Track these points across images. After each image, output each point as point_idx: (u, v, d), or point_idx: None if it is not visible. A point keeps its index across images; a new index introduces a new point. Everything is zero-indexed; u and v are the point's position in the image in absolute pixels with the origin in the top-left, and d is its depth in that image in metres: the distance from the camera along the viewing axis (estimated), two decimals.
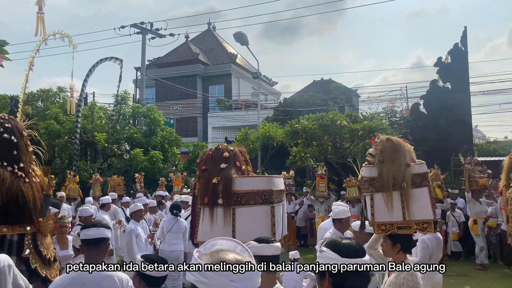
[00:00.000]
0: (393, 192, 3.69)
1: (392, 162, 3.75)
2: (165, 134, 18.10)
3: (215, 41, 36.02)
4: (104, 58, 18.49)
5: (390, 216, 3.69)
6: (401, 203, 3.68)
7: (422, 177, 3.73)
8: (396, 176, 3.70)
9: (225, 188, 3.26)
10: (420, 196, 3.71)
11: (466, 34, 14.06)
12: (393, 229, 3.67)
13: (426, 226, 3.70)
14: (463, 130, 13.75)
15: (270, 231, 3.18)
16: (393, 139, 3.92)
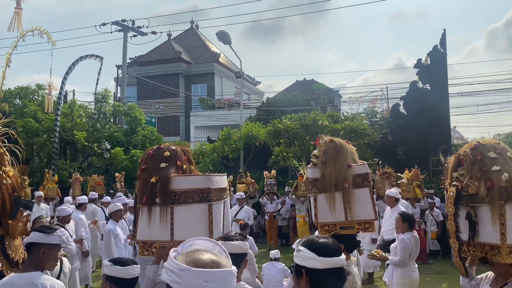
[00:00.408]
0: (335, 192, 3.73)
1: (334, 163, 3.79)
2: (146, 133, 17.94)
3: (198, 39, 35.84)
4: (84, 55, 18.23)
5: (333, 216, 3.73)
6: (343, 203, 3.72)
7: (363, 178, 3.78)
8: (338, 176, 3.73)
9: (162, 187, 3.27)
10: (362, 196, 3.77)
11: (445, 37, 14.32)
12: (336, 229, 3.71)
13: (368, 226, 3.75)
14: (442, 131, 13.99)
15: (208, 229, 3.22)
16: (336, 140, 3.98)
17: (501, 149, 3.27)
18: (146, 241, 3.35)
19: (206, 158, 16.60)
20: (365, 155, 14.85)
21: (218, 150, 16.33)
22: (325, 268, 1.79)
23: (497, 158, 3.21)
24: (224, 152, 16.20)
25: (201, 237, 1.48)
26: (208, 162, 16.51)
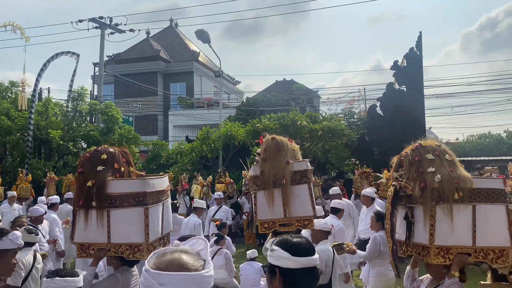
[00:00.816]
0: (274, 189, 3.75)
1: (274, 160, 3.83)
2: (123, 132, 17.69)
3: (177, 38, 35.55)
4: (60, 52, 17.86)
5: (272, 213, 3.76)
6: (281, 200, 3.74)
7: (302, 174, 3.81)
8: (277, 173, 3.76)
9: (98, 191, 3.31)
10: (300, 193, 3.80)
11: (421, 39, 14.61)
12: (275, 226, 3.75)
13: (307, 223, 3.79)
14: (417, 132, 14.19)
15: (143, 232, 3.28)
16: (277, 138, 4.02)
17: (440, 151, 3.33)
18: (84, 243, 3.39)
19: (185, 157, 16.48)
20: (343, 155, 15.04)
21: (196, 149, 16.25)
22: (299, 268, 1.80)
23: (434, 160, 3.28)
24: (203, 151, 16.12)
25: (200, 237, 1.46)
26: (187, 162, 16.40)
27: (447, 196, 3.12)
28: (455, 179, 3.15)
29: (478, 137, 25.23)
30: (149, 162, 18.26)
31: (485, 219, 3.12)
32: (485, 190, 3.15)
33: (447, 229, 3.12)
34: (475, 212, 3.12)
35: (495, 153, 19.87)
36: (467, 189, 3.14)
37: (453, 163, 3.32)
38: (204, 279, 1.28)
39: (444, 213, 3.12)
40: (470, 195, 3.14)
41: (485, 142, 23.54)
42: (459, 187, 3.13)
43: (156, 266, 1.28)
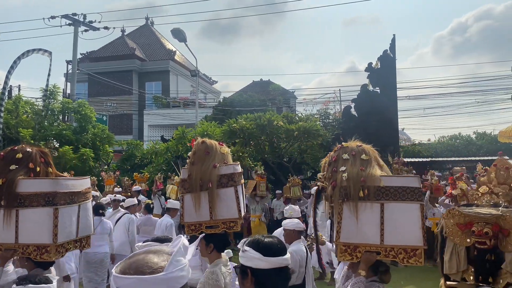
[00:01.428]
0: (200, 192, 3.84)
1: (202, 163, 3.92)
2: (96, 131, 17.37)
3: (153, 36, 35.15)
4: (32, 49, 17.37)
5: (198, 216, 3.84)
6: (208, 203, 3.84)
7: (229, 178, 3.90)
8: (204, 177, 3.85)
9: (7, 190, 3.32)
10: (226, 196, 3.89)
11: (395, 42, 14.91)
12: (202, 228, 3.83)
13: (232, 225, 3.87)
14: (390, 133, 14.56)
15: (52, 232, 3.30)
16: (207, 142, 4.10)
17: (357, 151, 3.37)
18: None
19: (160, 158, 16.31)
20: (318, 155, 15.19)
21: (172, 149, 16.10)
22: (270, 268, 1.81)
23: (348, 159, 3.32)
24: (179, 151, 15.99)
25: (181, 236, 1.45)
26: (162, 162, 16.24)
27: (352, 194, 3.13)
28: (362, 178, 3.15)
29: (449, 138, 25.93)
30: (123, 162, 17.99)
31: (394, 217, 3.08)
32: (395, 189, 3.12)
33: (352, 226, 3.09)
34: (383, 211, 3.10)
35: (464, 153, 20.47)
36: (373, 187, 3.12)
37: (368, 162, 3.32)
38: (162, 281, 1.24)
39: (350, 210, 3.12)
40: (377, 193, 3.12)
41: (456, 143, 24.21)
42: (365, 185, 3.13)
43: (120, 269, 1.27)
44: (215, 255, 3.57)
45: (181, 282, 1.29)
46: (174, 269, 1.27)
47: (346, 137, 13.73)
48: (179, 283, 1.28)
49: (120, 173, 14.51)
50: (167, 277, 1.24)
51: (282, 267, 1.85)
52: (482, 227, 3.30)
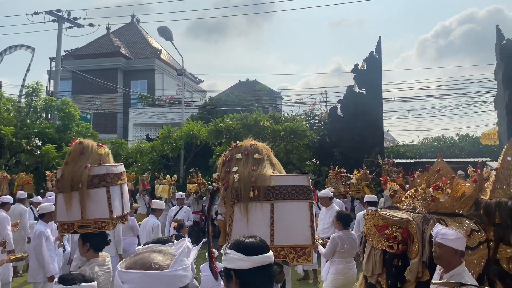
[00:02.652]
0: (71, 192, 3.92)
1: (74, 164, 4.01)
2: (80, 129, 17.14)
3: (138, 34, 34.82)
4: (14, 45, 17.10)
5: (70, 215, 3.92)
6: (79, 202, 3.92)
7: (100, 178, 4.01)
8: (75, 177, 3.94)
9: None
10: (97, 196, 3.99)
11: (381, 44, 15.06)
12: (74, 228, 3.91)
13: (104, 224, 3.98)
14: (376, 133, 14.71)
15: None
16: (84, 142, 4.24)
17: (251, 151, 3.35)
18: None
19: (145, 157, 16.17)
20: (304, 155, 15.26)
21: (157, 148, 15.97)
22: (254, 267, 1.81)
23: (241, 159, 3.30)
24: (164, 151, 15.87)
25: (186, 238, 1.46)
26: (147, 161, 16.09)
27: (243, 195, 3.10)
28: (253, 178, 3.11)
29: (433, 139, 26.28)
30: None
31: (284, 217, 3.07)
32: (285, 188, 3.10)
33: (243, 228, 3.05)
34: (273, 211, 3.08)
35: (448, 155, 20.77)
36: (264, 187, 3.09)
37: (260, 161, 3.29)
38: (167, 278, 1.26)
39: (241, 212, 3.09)
40: (267, 193, 3.09)
41: (439, 145, 24.55)
42: (256, 185, 3.09)
43: (125, 265, 1.29)
44: (91, 255, 3.63)
45: (184, 282, 1.31)
46: (179, 268, 1.29)
47: (332, 137, 13.90)
48: (182, 282, 1.30)
49: None
50: (172, 275, 1.27)
51: (266, 265, 1.83)
52: (393, 231, 3.30)
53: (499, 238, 3.34)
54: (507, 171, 3.68)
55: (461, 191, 3.53)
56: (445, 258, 3.04)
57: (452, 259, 3.03)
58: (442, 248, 3.03)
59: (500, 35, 14.50)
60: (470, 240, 3.20)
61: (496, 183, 3.71)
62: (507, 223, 3.34)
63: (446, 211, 3.53)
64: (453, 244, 2.99)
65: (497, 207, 3.42)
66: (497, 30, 14.66)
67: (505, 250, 3.27)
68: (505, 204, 3.41)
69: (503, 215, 3.36)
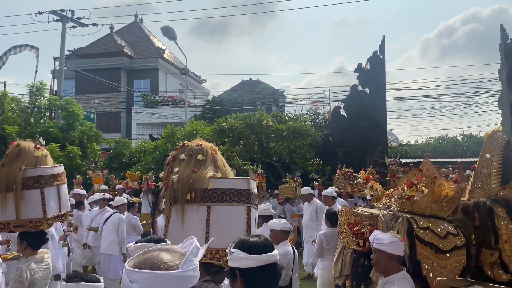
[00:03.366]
0: (7, 193, 4.09)
1: (10, 166, 4.16)
2: (84, 129, 17.17)
3: (142, 34, 34.87)
4: (18, 45, 17.15)
5: (5, 215, 4.09)
6: (13, 203, 4.10)
7: (35, 180, 4.18)
8: (10, 178, 4.10)
9: None
10: (32, 197, 4.17)
11: (384, 43, 15.02)
12: (10, 227, 4.08)
13: (38, 224, 4.14)
14: (379, 133, 14.66)
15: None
16: (21, 145, 4.37)
17: (195, 151, 3.30)
18: None
19: (148, 156, 16.19)
20: (307, 155, 15.24)
21: (161, 148, 15.99)
22: (258, 266, 1.80)
23: (184, 160, 3.26)
24: (167, 150, 15.88)
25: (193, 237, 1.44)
26: (150, 161, 16.12)
27: (180, 196, 3.09)
28: (191, 180, 3.10)
29: (436, 139, 26.21)
30: (111, 160, 17.81)
31: (220, 220, 3.06)
32: (223, 191, 3.09)
33: (179, 230, 3.04)
34: (210, 213, 3.06)
35: (451, 155, 20.72)
36: (201, 189, 3.08)
37: (203, 163, 3.26)
38: (175, 279, 1.25)
39: (177, 213, 3.09)
40: (204, 196, 3.08)
41: (443, 145, 24.48)
42: (193, 187, 3.08)
43: (133, 264, 1.28)
44: (28, 252, 3.83)
45: (193, 282, 1.30)
46: (188, 268, 1.28)
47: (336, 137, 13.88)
48: (191, 282, 1.29)
49: (108, 172, 14.38)
50: (182, 275, 1.26)
51: (270, 263, 1.83)
52: (362, 227, 3.18)
53: (480, 241, 3.20)
54: (486, 169, 3.49)
55: (444, 193, 3.30)
56: (381, 264, 2.93)
57: (388, 264, 2.92)
58: (378, 253, 2.93)
59: (504, 34, 14.42)
60: (443, 242, 3.03)
61: (475, 182, 3.53)
62: (487, 224, 3.19)
63: (424, 212, 3.28)
64: (387, 249, 2.88)
65: (475, 208, 3.27)
66: (501, 29, 14.58)
67: (487, 254, 3.12)
68: (484, 204, 3.24)
69: (483, 217, 3.21)
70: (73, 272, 2.92)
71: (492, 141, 3.68)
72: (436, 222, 3.16)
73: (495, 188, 3.41)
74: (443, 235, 3.05)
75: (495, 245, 3.13)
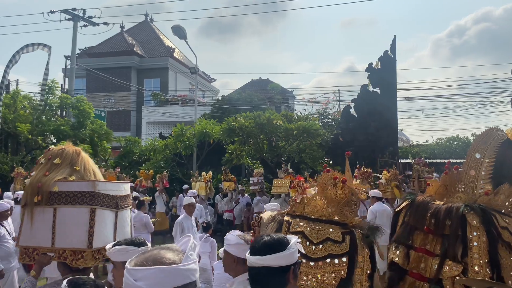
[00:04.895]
0: None
1: None
2: (95, 127, 17.30)
3: (152, 33, 35.01)
4: (31, 44, 17.26)
5: None
6: None
7: None
8: None
9: None
10: None
11: (395, 43, 14.89)
12: None
13: None
14: (389, 133, 14.56)
15: None
16: None
17: (54, 155, 3.47)
18: None
19: (158, 155, 16.27)
20: (317, 154, 15.18)
21: (170, 146, 16.06)
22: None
23: (42, 163, 3.45)
24: (177, 149, 15.95)
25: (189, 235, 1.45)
26: (160, 159, 16.19)
27: (29, 199, 3.26)
28: (39, 183, 3.26)
29: (447, 140, 25.95)
30: (121, 158, 17.93)
31: (64, 221, 3.23)
32: (67, 193, 3.26)
33: (28, 230, 3.27)
34: (55, 215, 3.24)
35: (462, 155, 20.50)
36: (47, 192, 3.24)
37: (57, 166, 3.42)
38: (180, 272, 1.26)
39: (28, 215, 3.27)
40: (51, 198, 3.24)
41: (454, 145, 24.23)
42: (41, 190, 3.24)
43: (134, 263, 1.28)
44: None
45: (195, 275, 1.32)
46: (191, 262, 1.30)
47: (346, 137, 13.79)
48: (194, 275, 1.31)
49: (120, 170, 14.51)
50: (185, 268, 1.27)
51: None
52: None
53: (444, 252, 2.83)
54: (473, 171, 3.11)
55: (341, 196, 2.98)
56: (228, 265, 2.84)
57: (234, 267, 2.78)
58: (225, 254, 2.85)
59: None
60: (313, 250, 2.75)
61: (457, 185, 3.14)
62: (457, 234, 2.79)
63: (320, 216, 2.96)
64: (232, 251, 2.78)
65: (446, 215, 2.89)
66: None
67: (450, 268, 2.76)
68: (456, 211, 2.84)
69: (453, 225, 2.82)
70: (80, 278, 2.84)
71: (485, 138, 3.27)
72: (322, 226, 2.86)
73: (482, 193, 3.02)
74: (316, 241, 2.78)
75: (462, 259, 2.74)
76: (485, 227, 2.73)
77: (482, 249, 2.68)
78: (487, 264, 2.66)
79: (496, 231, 2.72)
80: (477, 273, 2.66)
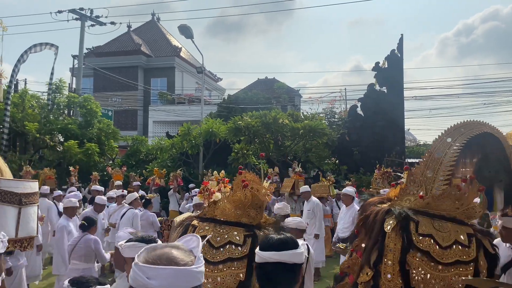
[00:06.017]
0: None
1: None
2: (102, 126, 17.41)
3: (159, 32, 35.12)
4: (39, 44, 17.40)
5: None
6: None
7: None
8: None
9: None
10: None
11: (402, 42, 14.82)
12: None
13: None
14: (396, 133, 14.49)
15: None
16: None
17: None
18: None
19: (164, 154, 16.32)
20: (323, 154, 15.15)
21: (177, 145, 16.10)
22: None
23: None
24: (183, 148, 15.99)
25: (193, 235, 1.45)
26: (166, 158, 16.24)
27: None
28: None
29: None
30: (128, 157, 18.01)
31: None
32: None
33: None
34: None
35: None
36: None
37: None
38: (193, 274, 1.26)
39: None
40: None
41: None
42: None
43: (145, 260, 1.26)
44: None
45: (203, 278, 1.33)
46: (201, 264, 1.31)
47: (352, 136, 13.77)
48: (202, 278, 1.32)
49: (127, 169, 14.60)
50: (197, 270, 1.28)
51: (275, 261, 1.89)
52: None
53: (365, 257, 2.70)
54: (431, 171, 2.84)
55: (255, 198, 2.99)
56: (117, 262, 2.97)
57: (121, 263, 2.82)
58: (116, 251, 2.97)
59: None
60: (213, 254, 2.79)
61: (408, 187, 2.91)
62: (376, 239, 2.64)
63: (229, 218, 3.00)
64: (122, 250, 2.71)
65: (373, 218, 2.73)
66: None
67: (364, 272, 2.65)
68: (380, 215, 2.69)
69: (375, 229, 2.69)
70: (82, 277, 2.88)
71: (451, 135, 2.89)
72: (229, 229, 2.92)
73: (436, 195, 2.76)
74: (217, 245, 2.81)
75: (376, 265, 2.59)
76: (403, 234, 2.57)
77: (396, 257, 2.53)
78: (399, 272, 2.51)
79: (408, 238, 2.54)
80: (389, 281, 2.50)
